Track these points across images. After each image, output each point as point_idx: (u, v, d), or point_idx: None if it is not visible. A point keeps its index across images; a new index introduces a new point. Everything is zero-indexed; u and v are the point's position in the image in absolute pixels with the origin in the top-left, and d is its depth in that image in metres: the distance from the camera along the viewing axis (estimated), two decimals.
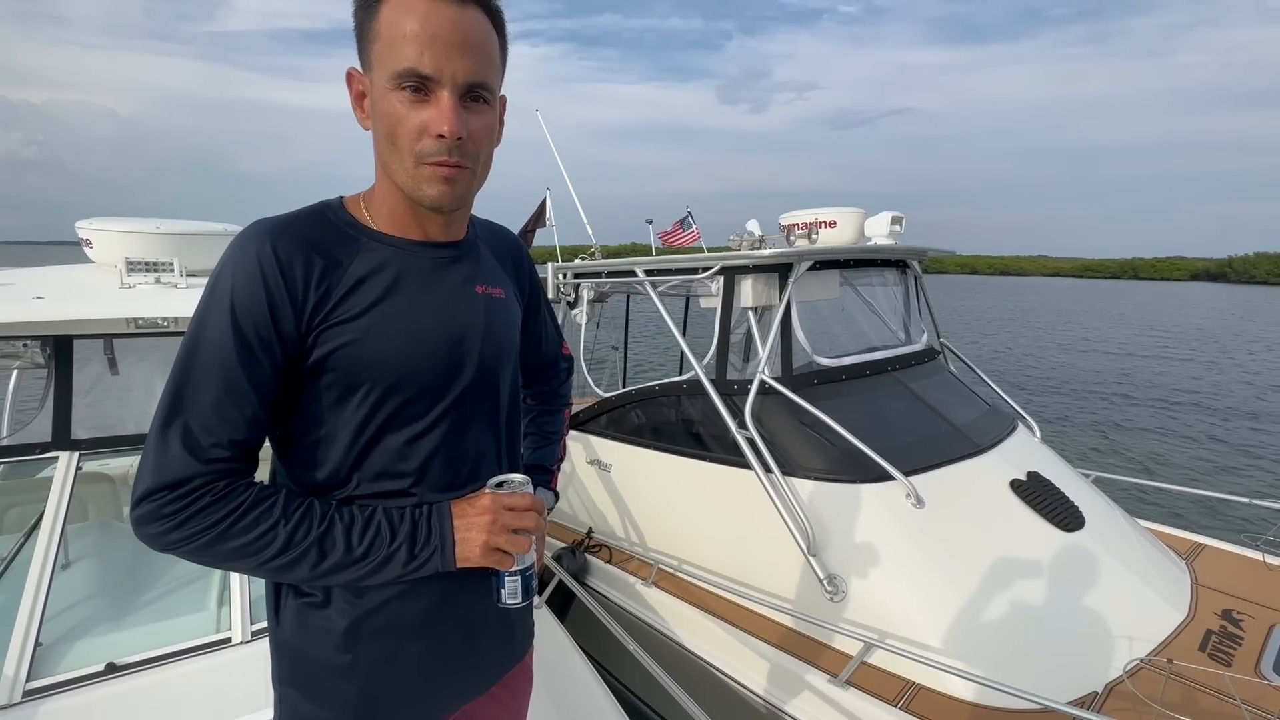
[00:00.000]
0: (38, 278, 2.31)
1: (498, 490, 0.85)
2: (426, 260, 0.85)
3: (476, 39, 0.74)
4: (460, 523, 0.82)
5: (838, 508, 2.22)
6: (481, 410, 0.90)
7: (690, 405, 2.76)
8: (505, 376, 0.94)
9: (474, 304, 0.88)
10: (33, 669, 1.53)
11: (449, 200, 0.79)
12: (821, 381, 2.60)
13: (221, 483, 0.73)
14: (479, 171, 0.80)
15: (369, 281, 0.79)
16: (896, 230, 2.98)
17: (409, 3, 0.72)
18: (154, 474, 0.71)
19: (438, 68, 0.72)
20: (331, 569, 0.76)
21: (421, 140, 0.74)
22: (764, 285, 2.64)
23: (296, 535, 0.74)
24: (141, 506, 0.71)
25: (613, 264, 3.20)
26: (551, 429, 1.19)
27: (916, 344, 3.20)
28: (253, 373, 0.74)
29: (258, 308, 0.73)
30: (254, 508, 0.74)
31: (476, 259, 0.92)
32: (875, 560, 2.07)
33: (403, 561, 0.79)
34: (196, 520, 0.71)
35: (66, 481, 1.86)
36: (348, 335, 0.77)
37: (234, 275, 0.74)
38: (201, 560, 0.74)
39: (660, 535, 2.77)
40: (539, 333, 1.13)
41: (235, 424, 0.74)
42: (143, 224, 2.30)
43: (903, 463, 2.24)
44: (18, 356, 2.32)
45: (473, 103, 0.76)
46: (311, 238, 0.78)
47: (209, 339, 0.73)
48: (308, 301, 0.76)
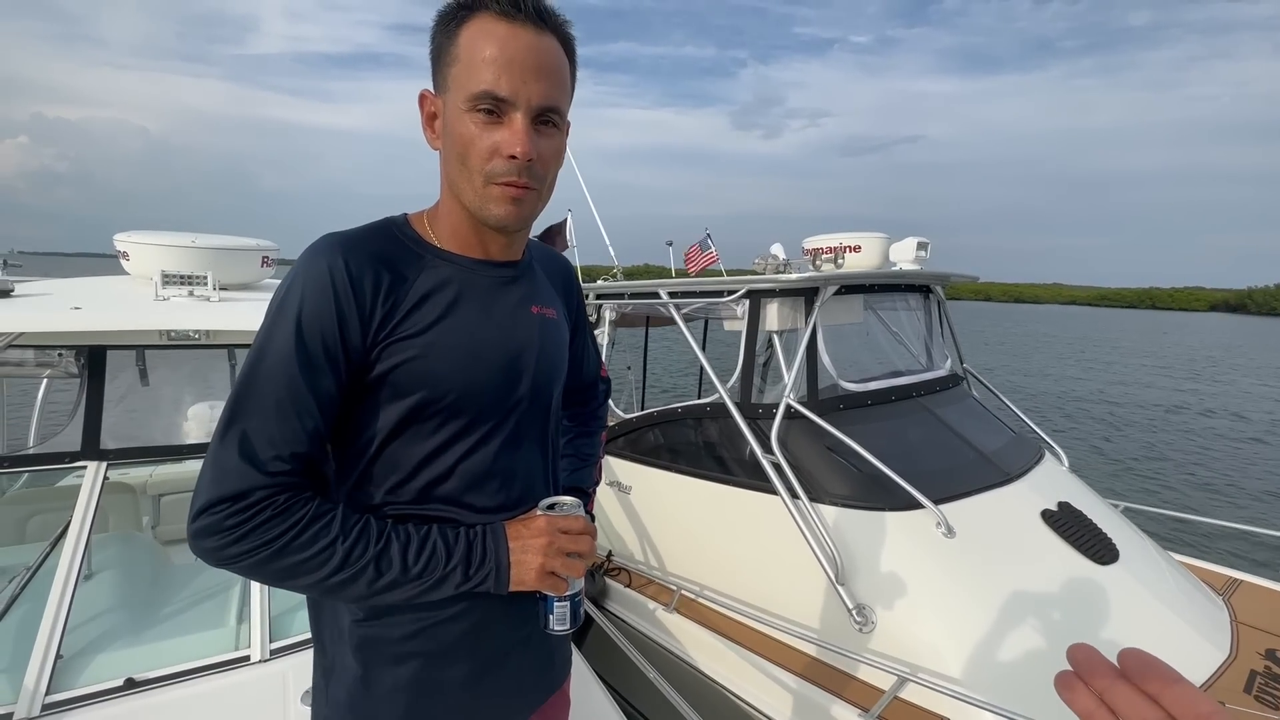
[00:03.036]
0: (76, 288, 2.35)
1: (550, 512, 0.84)
2: (487, 279, 0.85)
3: (551, 64, 0.76)
4: (515, 545, 0.81)
5: (865, 535, 2.18)
6: (533, 430, 0.90)
7: (713, 428, 2.74)
8: (555, 397, 0.94)
9: (530, 323, 0.89)
10: (53, 682, 1.51)
11: (515, 220, 0.79)
12: (847, 406, 2.56)
13: (282, 496, 0.72)
14: (544, 193, 0.81)
15: (432, 298, 0.80)
16: (922, 255, 2.97)
17: (489, 28, 0.74)
18: (214, 486, 0.70)
19: (513, 90, 0.73)
20: (386, 587, 0.75)
21: (493, 160, 0.75)
22: (789, 309, 2.63)
23: (354, 553, 0.73)
24: (201, 519, 0.70)
25: (636, 285, 3.21)
26: (589, 451, 1.18)
27: (940, 369, 3.17)
28: (316, 385, 0.74)
29: (327, 319, 0.73)
30: (313, 523, 0.73)
31: (532, 279, 0.93)
32: (905, 590, 2.02)
33: (456, 582, 0.78)
34: (256, 534, 0.70)
35: (94, 492, 1.86)
36: (411, 350, 0.77)
37: (304, 287, 0.74)
38: (257, 577, 0.73)
39: (681, 559, 2.73)
40: (581, 354, 1.13)
41: (297, 436, 0.73)
42: (179, 238, 2.33)
43: (932, 490, 2.20)
44: (51, 365, 2.35)
45: (543, 126, 0.77)
46: (380, 253, 0.78)
47: (274, 350, 0.73)
48: (375, 315, 0.76)
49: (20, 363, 2.30)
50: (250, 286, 2.57)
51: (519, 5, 0.74)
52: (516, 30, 0.74)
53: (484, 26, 0.74)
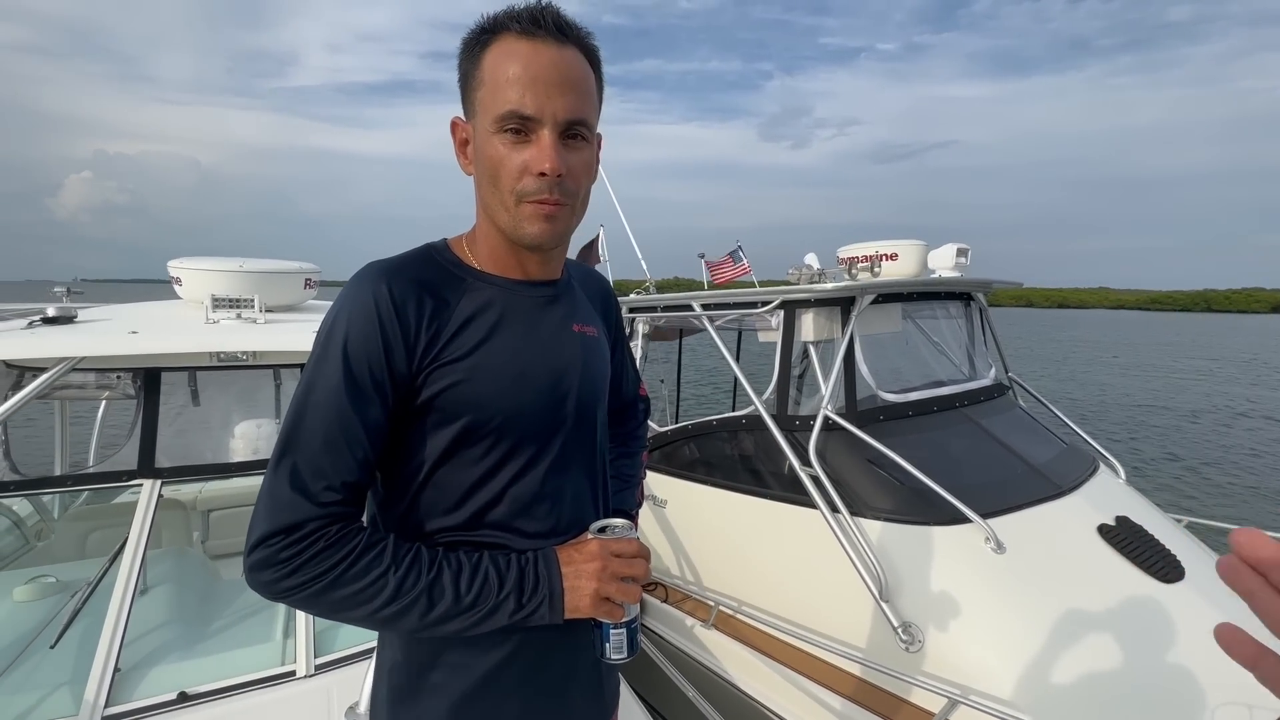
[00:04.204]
0: (133, 313, 2.46)
1: (602, 536, 0.82)
2: (528, 299, 0.85)
3: (575, 77, 0.76)
4: (568, 570, 0.79)
5: (910, 551, 2.11)
6: (580, 451, 0.89)
7: (749, 441, 2.70)
8: (600, 416, 0.93)
9: (572, 342, 0.88)
10: (111, 694, 1.56)
11: (549, 237, 0.79)
12: (887, 417, 2.50)
13: (334, 527, 0.72)
14: (578, 208, 0.81)
15: (475, 321, 0.80)
16: (962, 263, 2.90)
17: (511, 48, 0.74)
18: (268, 518, 0.71)
19: (539, 107, 0.73)
20: (440, 619, 0.74)
21: (523, 179, 0.75)
22: (825, 319, 2.59)
23: (406, 583, 0.73)
24: (256, 553, 0.70)
25: (669, 298, 3.21)
26: (630, 472, 1.16)
27: (984, 379, 3.07)
28: (365, 414, 0.74)
29: (373, 348, 0.74)
30: (365, 553, 0.73)
31: (572, 298, 0.92)
32: (954, 608, 1.94)
33: (510, 611, 0.76)
34: (310, 566, 0.70)
35: (149, 509, 1.93)
36: (456, 374, 0.77)
37: (350, 317, 0.75)
38: (313, 609, 0.73)
39: (719, 574, 2.69)
40: (619, 373, 1.12)
41: (347, 465, 0.73)
42: (227, 263, 2.42)
43: (978, 504, 2.12)
44: (111, 387, 2.45)
45: (571, 140, 0.77)
46: (422, 279, 0.79)
47: (323, 381, 0.74)
48: (420, 341, 0.76)
49: (83, 385, 2.42)
50: (294, 308, 2.65)
51: (538, 22, 0.74)
52: (538, 47, 0.73)
53: (506, 47, 0.74)
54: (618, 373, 1.11)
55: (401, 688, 0.84)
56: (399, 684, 0.84)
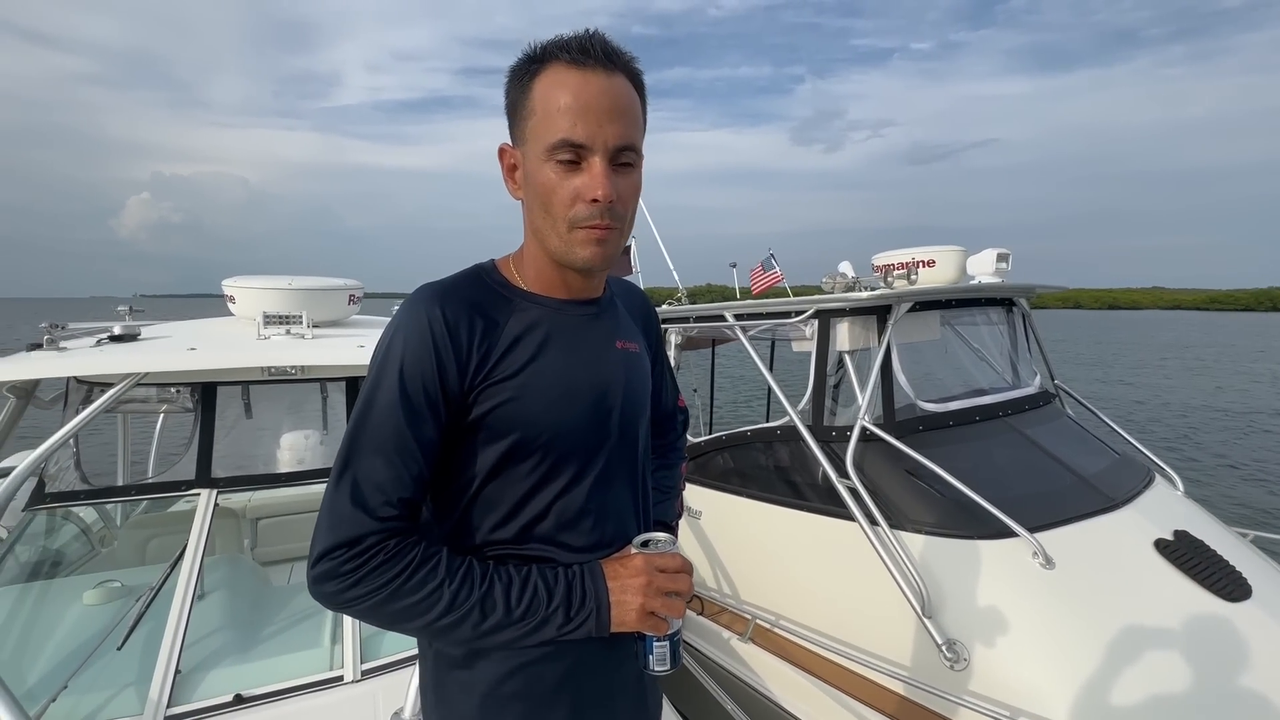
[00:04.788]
0: (190, 330, 2.58)
1: (645, 550, 0.84)
2: (573, 317, 0.88)
3: (623, 104, 0.78)
4: (614, 584, 0.81)
5: (953, 565, 2.06)
6: (623, 466, 0.91)
7: (784, 451, 2.68)
8: (642, 431, 0.95)
9: (615, 359, 0.91)
10: (173, 696, 1.64)
11: (600, 261, 0.82)
12: (927, 428, 2.45)
13: (392, 541, 0.76)
14: (625, 230, 0.83)
15: (523, 340, 0.83)
16: (1003, 268, 2.83)
17: (561, 78, 0.76)
18: (330, 532, 0.74)
19: (590, 136, 0.75)
20: (491, 630, 0.77)
21: (575, 206, 0.77)
22: (861, 328, 2.56)
23: (460, 595, 0.76)
24: (320, 565, 0.74)
25: (701, 309, 3.21)
26: (669, 484, 1.18)
27: (1028, 386, 2.98)
28: (420, 432, 0.77)
29: (427, 369, 0.77)
30: (421, 566, 0.76)
31: (614, 315, 0.95)
32: (1001, 626, 1.88)
33: (558, 624, 0.79)
34: (371, 579, 0.74)
35: (206, 517, 2.02)
36: (505, 393, 0.80)
37: (405, 338, 0.78)
38: (372, 620, 0.77)
39: (755, 587, 2.66)
40: (659, 385, 1.14)
41: (403, 482, 0.77)
42: (277, 281, 2.53)
43: (1025, 517, 2.06)
44: (170, 401, 2.58)
45: (620, 166, 0.79)
46: (473, 300, 0.82)
47: (381, 400, 0.77)
48: (471, 361, 0.79)
49: (145, 399, 2.55)
50: (339, 323, 2.75)
51: (587, 50, 0.76)
52: (588, 76, 0.75)
53: (556, 77, 0.76)
54: (656, 385, 1.13)
55: (448, 692, 0.86)
56: (445, 688, 0.86)
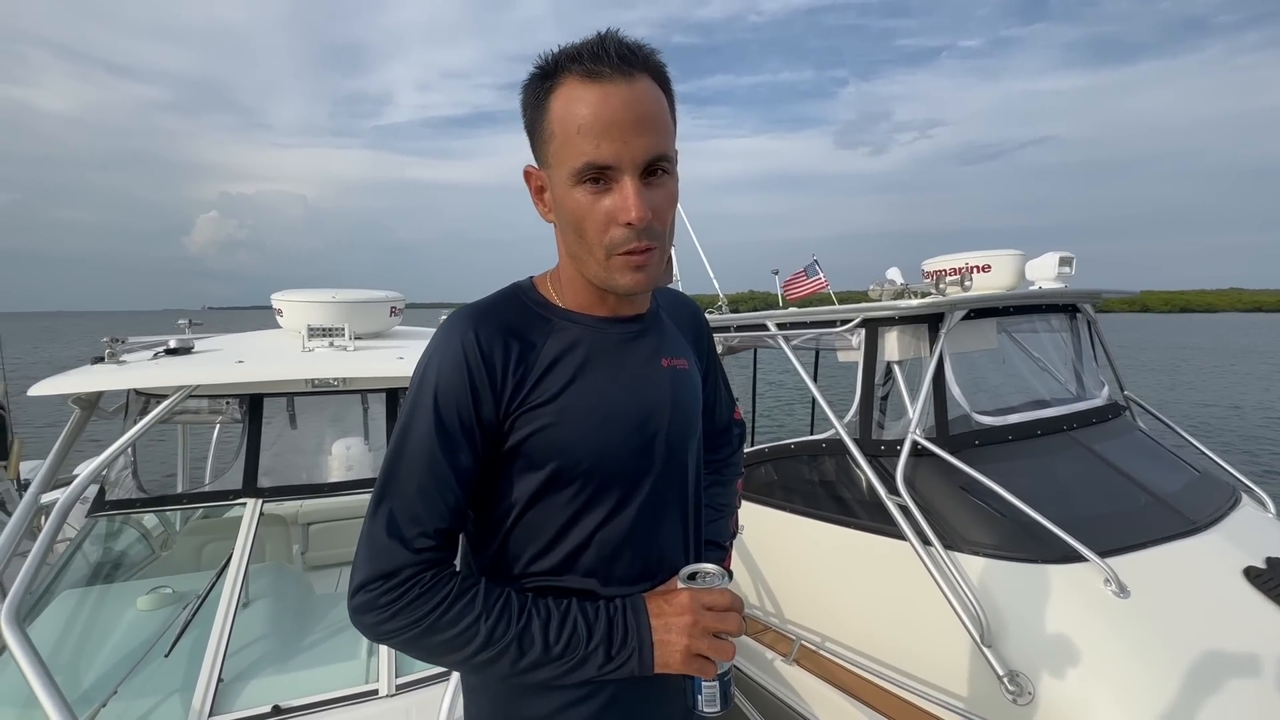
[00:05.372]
0: (241, 343, 2.67)
1: (692, 584, 0.78)
2: (614, 336, 0.84)
3: (649, 113, 0.71)
4: (658, 623, 0.76)
5: (1015, 591, 1.91)
6: (671, 492, 0.86)
7: (830, 465, 2.57)
8: (692, 453, 0.90)
9: (661, 378, 0.86)
10: (215, 704, 1.66)
11: (643, 286, 0.77)
12: (984, 442, 2.31)
13: (429, 573, 0.74)
14: (666, 243, 0.78)
15: (561, 362, 0.79)
16: (1066, 273, 2.65)
17: (576, 94, 0.70)
18: (368, 564, 0.73)
19: (616, 155, 0.70)
20: (530, 666, 0.74)
21: (610, 231, 0.72)
22: (911, 337, 2.44)
23: (497, 630, 0.73)
24: (359, 596, 0.73)
25: (743, 318, 3.13)
26: (724, 501, 1.12)
27: (1095, 398, 2.78)
28: (455, 460, 0.75)
29: (461, 395, 0.75)
30: (458, 600, 0.73)
31: (660, 330, 0.90)
32: (1070, 658, 1.74)
33: (599, 663, 0.74)
34: (408, 612, 0.72)
35: (251, 526, 2.07)
36: (542, 419, 0.77)
37: (440, 365, 0.76)
38: (412, 652, 0.75)
39: (800, 607, 2.56)
40: (713, 399, 1.09)
41: (440, 512, 0.75)
42: (321, 294, 2.59)
43: (1094, 540, 1.90)
44: (221, 412, 2.67)
45: (652, 177, 0.73)
46: (509, 322, 0.79)
47: (416, 429, 0.75)
48: (506, 386, 0.76)
49: (197, 410, 2.65)
50: (381, 335, 2.79)
51: (601, 58, 0.69)
52: (606, 89, 0.69)
53: (571, 94, 0.70)
54: (711, 398, 1.08)
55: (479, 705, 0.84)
56: (476, 699, 0.84)
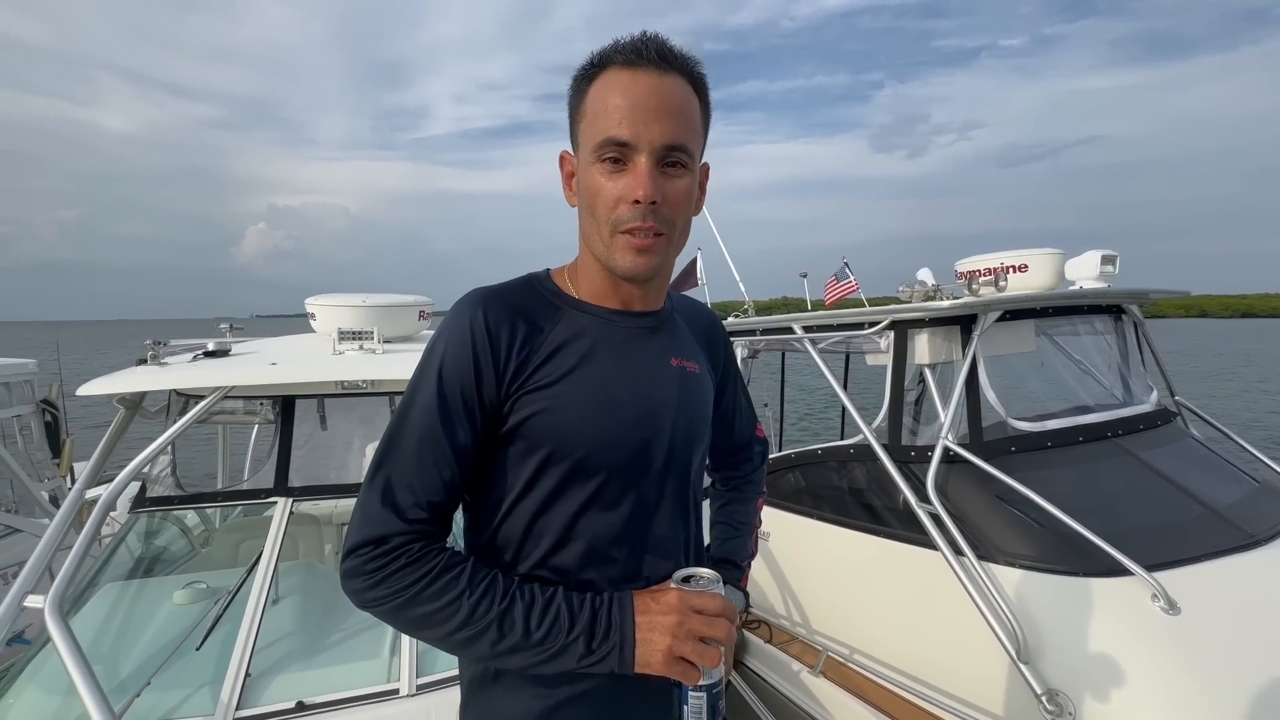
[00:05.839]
0: (275, 346, 2.75)
1: (685, 586, 0.76)
2: (623, 329, 0.84)
3: (674, 104, 0.75)
4: (642, 620, 0.74)
5: (1053, 605, 1.82)
6: (670, 491, 0.85)
7: (859, 472, 2.50)
8: (696, 457, 0.89)
9: (669, 376, 0.86)
10: (241, 699, 1.70)
11: (643, 269, 0.78)
12: (1020, 449, 2.21)
13: (417, 544, 0.74)
14: (675, 239, 0.79)
15: (566, 348, 0.80)
16: (1109, 272, 2.53)
17: (613, 79, 0.75)
18: (360, 529, 0.74)
19: (635, 134, 0.73)
20: (509, 650, 0.73)
21: (618, 208, 0.75)
22: (943, 340, 2.36)
23: (479, 610, 0.73)
24: (349, 560, 0.74)
25: (768, 321, 3.08)
26: (743, 519, 1.10)
27: (1143, 403, 2.64)
28: (454, 436, 0.76)
29: (465, 372, 0.76)
30: (443, 574, 0.74)
31: (673, 330, 0.90)
32: (1114, 678, 1.64)
33: (578, 655, 0.73)
34: (392, 580, 0.72)
35: (281, 525, 2.11)
36: (542, 402, 0.77)
37: (447, 341, 0.78)
38: (394, 623, 0.76)
39: (827, 617, 2.49)
40: (732, 412, 1.07)
41: (434, 485, 0.76)
42: (351, 298, 2.65)
43: (1141, 553, 1.80)
44: (256, 413, 2.75)
45: (670, 168, 0.76)
46: (518, 305, 0.81)
47: (419, 402, 0.77)
48: (509, 366, 0.77)
49: (233, 411, 2.73)
50: (410, 338, 2.84)
51: (640, 52, 0.74)
52: (638, 75, 0.74)
53: (609, 79, 0.75)
54: (731, 412, 1.07)
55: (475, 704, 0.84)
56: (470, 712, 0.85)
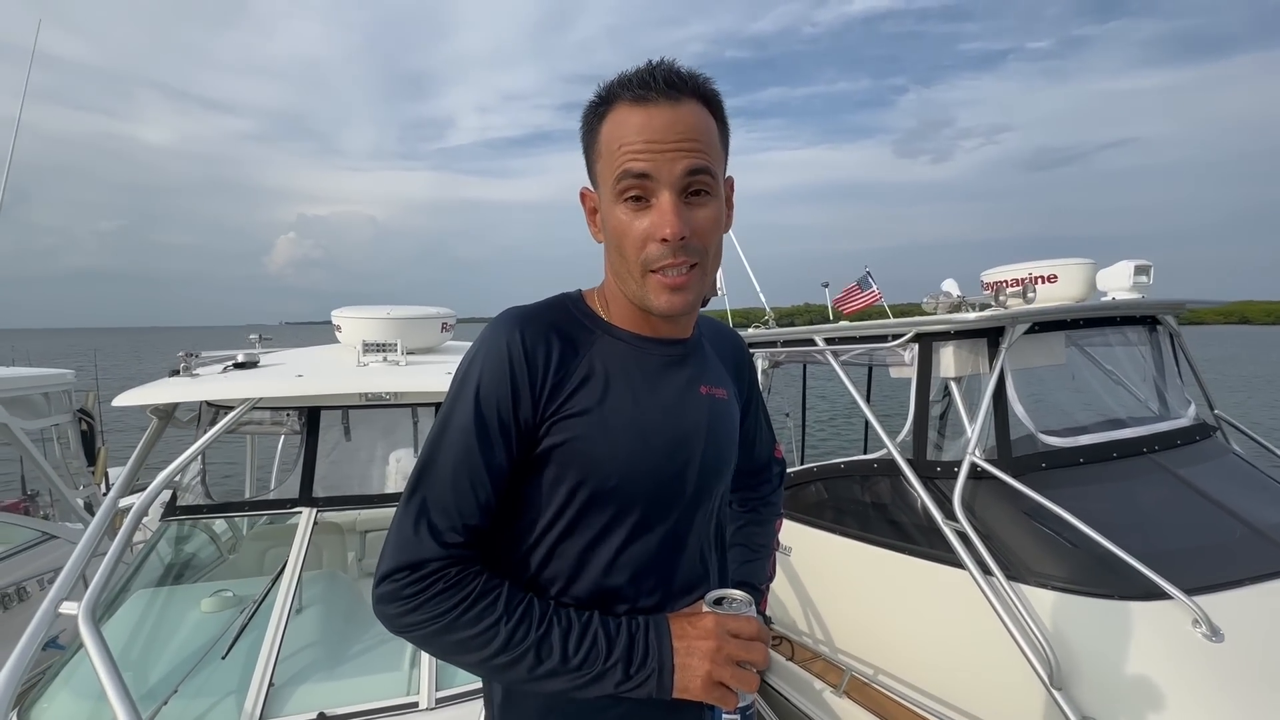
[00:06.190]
0: (302, 358, 2.80)
1: (718, 609, 0.76)
2: (655, 358, 0.84)
3: (691, 130, 0.73)
4: (680, 645, 0.74)
5: (1088, 629, 1.76)
6: (700, 519, 0.85)
7: (883, 487, 2.46)
8: (725, 483, 0.89)
9: (699, 405, 0.85)
10: (265, 708, 1.72)
11: (680, 307, 0.77)
12: (1051, 465, 2.15)
13: (455, 569, 0.74)
14: (708, 267, 0.78)
15: (600, 374, 0.80)
16: (1143, 282, 2.46)
17: (623, 115, 0.74)
18: (396, 553, 0.74)
19: (655, 167, 0.72)
20: (546, 675, 0.73)
21: (646, 247, 0.74)
22: (969, 352, 2.31)
23: (516, 634, 0.72)
24: (383, 585, 0.73)
25: (789, 333, 3.05)
26: (761, 541, 1.09)
27: (1180, 418, 2.56)
28: (491, 458, 0.76)
29: (502, 393, 0.76)
30: (481, 599, 0.73)
31: (701, 358, 0.90)
32: (1153, 707, 1.58)
33: (616, 680, 0.73)
34: (430, 606, 0.72)
35: (305, 535, 2.14)
36: (575, 429, 0.77)
37: (484, 361, 0.77)
38: (430, 649, 0.75)
39: (850, 635, 2.44)
40: (753, 433, 1.07)
41: (470, 508, 0.75)
42: (376, 311, 2.69)
43: (1181, 576, 1.73)
44: (282, 424, 2.80)
45: (694, 196, 0.75)
46: (556, 325, 0.81)
47: (455, 424, 0.76)
48: (545, 388, 0.77)
49: (260, 421, 2.78)
50: (433, 349, 2.87)
51: (649, 84, 0.73)
52: (650, 111, 0.73)
53: (620, 116, 0.74)
54: (750, 433, 1.06)
55: None
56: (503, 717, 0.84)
